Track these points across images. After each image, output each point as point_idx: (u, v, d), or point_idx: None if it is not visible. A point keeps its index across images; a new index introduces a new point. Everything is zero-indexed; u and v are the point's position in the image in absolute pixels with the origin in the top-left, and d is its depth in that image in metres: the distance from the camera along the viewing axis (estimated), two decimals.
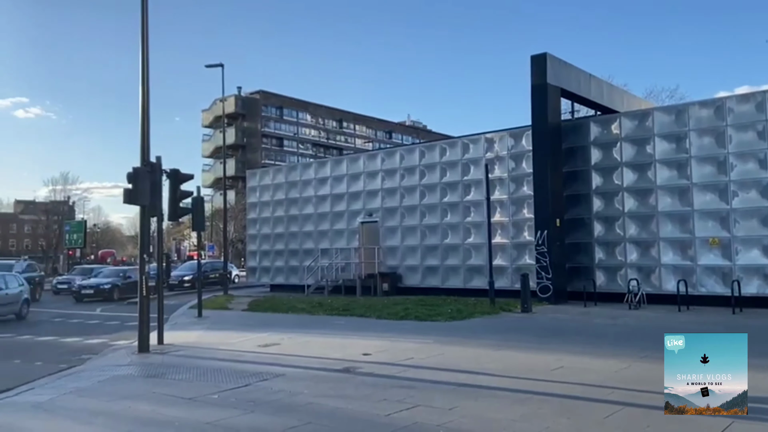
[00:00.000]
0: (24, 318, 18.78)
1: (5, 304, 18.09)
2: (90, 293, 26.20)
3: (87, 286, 26.63)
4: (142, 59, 11.80)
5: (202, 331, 14.35)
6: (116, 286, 26.62)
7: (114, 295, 26.11)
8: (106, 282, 26.81)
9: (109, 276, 28.02)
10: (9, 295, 18.30)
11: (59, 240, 60.52)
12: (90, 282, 27.26)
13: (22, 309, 18.92)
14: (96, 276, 28.78)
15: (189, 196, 14.18)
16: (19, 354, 12.00)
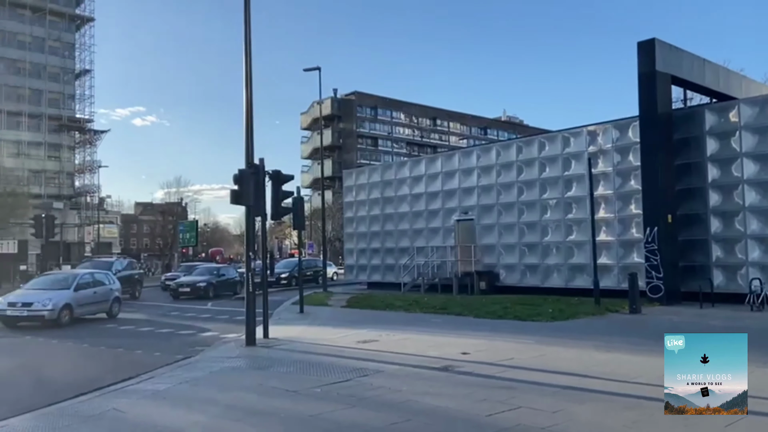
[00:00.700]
0: (115, 317, 18.46)
1: (94, 303, 17.82)
2: (186, 291, 26.51)
3: (184, 284, 27.01)
4: (245, 68, 12.34)
5: (304, 326, 14.80)
6: (211, 284, 26.95)
7: (209, 293, 26.36)
8: (201, 280, 27.05)
9: (204, 274, 28.22)
10: (98, 294, 18.06)
11: (174, 239, 64.77)
12: (186, 280, 27.63)
13: (112, 307, 18.58)
14: (191, 274, 29.10)
15: (290, 196, 14.67)
16: (141, 345, 12.93)
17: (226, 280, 28.28)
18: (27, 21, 58.93)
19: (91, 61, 63.35)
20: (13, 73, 58.31)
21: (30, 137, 59.04)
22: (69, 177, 62.86)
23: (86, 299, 17.34)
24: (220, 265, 32.66)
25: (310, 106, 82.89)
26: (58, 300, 16.13)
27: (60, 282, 17.66)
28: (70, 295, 16.66)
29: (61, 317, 15.95)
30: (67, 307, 16.27)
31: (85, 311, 17.33)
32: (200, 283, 26.73)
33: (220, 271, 29.09)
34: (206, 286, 26.58)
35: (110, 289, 18.89)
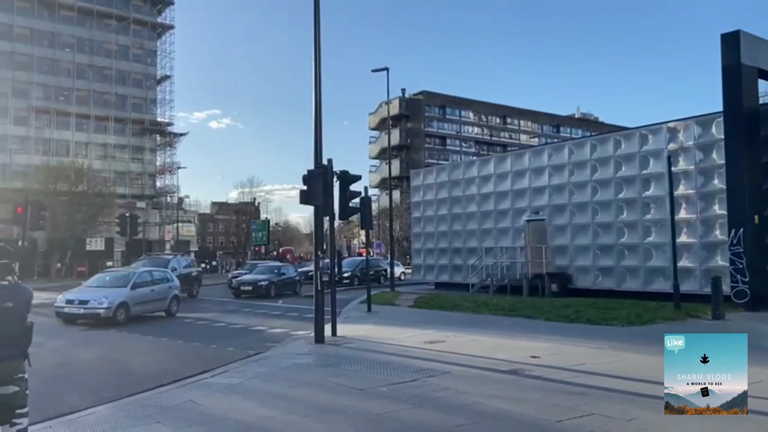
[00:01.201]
0: (174, 315, 18.23)
1: (152, 301, 17.67)
2: (248, 290, 26.25)
3: (246, 283, 26.75)
4: (315, 71, 12.56)
5: (371, 325, 14.90)
6: (272, 283, 26.65)
7: (270, 292, 26.12)
8: (263, 279, 26.73)
9: (265, 273, 27.78)
10: (156, 292, 17.92)
11: (247, 237, 66.87)
12: (248, 278, 27.34)
13: (171, 306, 18.38)
14: (252, 272, 28.83)
15: (357, 196, 14.81)
16: (216, 340, 13.41)
17: (287, 279, 28.21)
18: (113, 30, 62.44)
19: (171, 67, 66.42)
20: (100, 79, 61.93)
21: (115, 140, 62.52)
22: (151, 178, 66.11)
23: (143, 297, 17.25)
24: (281, 264, 32.57)
25: (378, 107, 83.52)
26: (114, 298, 16.16)
27: (118, 280, 17.60)
28: (126, 293, 16.67)
29: (116, 315, 15.96)
30: (123, 305, 16.27)
31: (142, 309, 17.17)
32: (262, 281, 26.58)
33: (280, 270, 28.86)
34: (267, 285, 26.39)
35: (169, 287, 18.72)
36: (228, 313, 19.81)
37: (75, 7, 60.11)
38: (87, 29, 61.19)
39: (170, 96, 66.57)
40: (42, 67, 58.77)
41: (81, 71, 60.90)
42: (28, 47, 57.92)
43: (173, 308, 18.50)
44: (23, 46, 57.63)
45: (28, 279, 33.58)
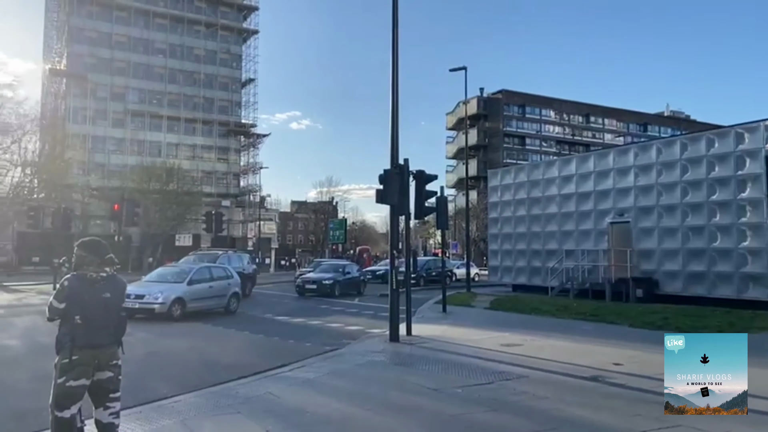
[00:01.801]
0: (233, 313, 17.82)
1: (210, 298, 17.37)
2: (312, 288, 25.53)
3: (310, 281, 26.04)
4: (392, 72, 12.62)
5: (446, 325, 14.81)
6: (337, 282, 25.99)
7: (335, 291, 25.43)
8: (328, 278, 26.09)
9: (330, 271, 27.19)
10: (214, 289, 17.60)
11: (325, 236, 68.29)
12: (312, 277, 26.67)
13: (230, 303, 18.00)
14: (316, 270, 28.34)
15: (433, 195, 14.78)
16: (294, 335, 13.76)
17: (351, 278, 27.52)
18: (202, 36, 65.53)
19: (255, 71, 68.92)
20: (190, 83, 65.13)
21: (203, 141, 65.59)
22: (235, 177, 68.84)
23: (201, 294, 17.00)
24: (346, 263, 31.66)
25: (455, 106, 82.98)
26: (170, 293, 15.98)
27: (176, 275, 17.49)
28: (183, 288, 16.46)
29: (172, 311, 15.77)
30: (178, 301, 16.06)
31: (199, 306, 16.91)
32: (326, 280, 25.89)
33: (345, 269, 28.07)
34: (332, 284, 25.70)
35: (228, 284, 18.30)
36: (295, 312, 20.24)
37: (168, 15, 63.53)
38: (178, 36, 64.53)
39: (254, 98, 69.09)
40: (137, 72, 62.50)
41: (172, 76, 64.27)
42: (126, 54, 61.76)
43: (232, 305, 18.12)
44: (121, 53, 61.52)
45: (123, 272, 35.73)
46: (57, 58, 62.80)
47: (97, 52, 59.95)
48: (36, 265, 42.14)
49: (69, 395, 4.68)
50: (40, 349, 10.02)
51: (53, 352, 4.78)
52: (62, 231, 31.32)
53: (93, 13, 60.29)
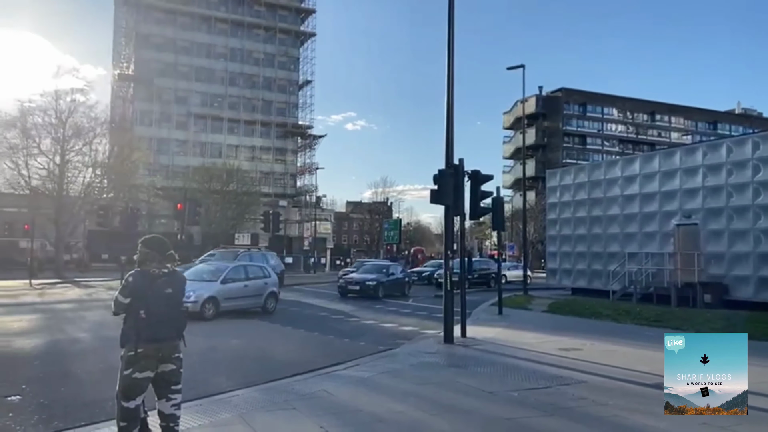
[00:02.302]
0: (271, 312, 17.48)
1: (245, 297, 17.05)
2: (355, 289, 24.61)
3: (353, 282, 25.06)
4: (447, 72, 12.54)
5: (502, 328, 14.58)
6: (381, 283, 24.93)
7: (378, 292, 24.37)
8: (370, 279, 25.06)
9: (373, 272, 26.16)
10: (250, 288, 17.25)
11: (379, 236, 68.58)
12: (355, 277, 25.70)
13: (267, 303, 17.63)
14: (359, 271, 27.41)
15: (489, 196, 14.56)
16: (349, 334, 13.87)
17: (395, 279, 26.54)
18: (261, 39, 67.08)
19: (312, 73, 69.94)
20: (249, 86, 66.79)
21: (261, 143, 67.11)
22: (292, 178, 70.08)
23: (235, 293, 16.69)
24: (390, 263, 30.60)
25: (513, 105, 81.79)
26: (202, 292, 15.59)
27: (210, 273, 17.15)
28: (215, 287, 16.10)
29: (204, 310, 15.41)
30: (211, 300, 15.71)
31: (233, 305, 16.58)
32: (370, 281, 24.85)
33: (389, 269, 27.03)
34: (375, 286, 24.64)
35: (264, 283, 17.89)
36: (354, 310, 20.36)
37: (228, 20, 65.35)
38: (238, 40, 66.28)
39: (311, 100, 70.16)
40: (200, 76, 64.56)
41: (233, 79, 66.06)
42: (189, 58, 63.91)
43: (269, 305, 17.74)
44: (184, 58, 63.70)
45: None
46: (125, 64, 65.59)
47: (162, 57, 62.28)
48: (105, 262, 44.11)
49: (134, 386, 4.87)
50: (108, 342, 10.47)
51: (119, 345, 4.98)
52: (129, 229, 32.66)
53: (159, 19, 62.68)
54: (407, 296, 25.84)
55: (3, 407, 6.67)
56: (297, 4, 69.73)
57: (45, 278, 30.85)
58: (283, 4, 68.81)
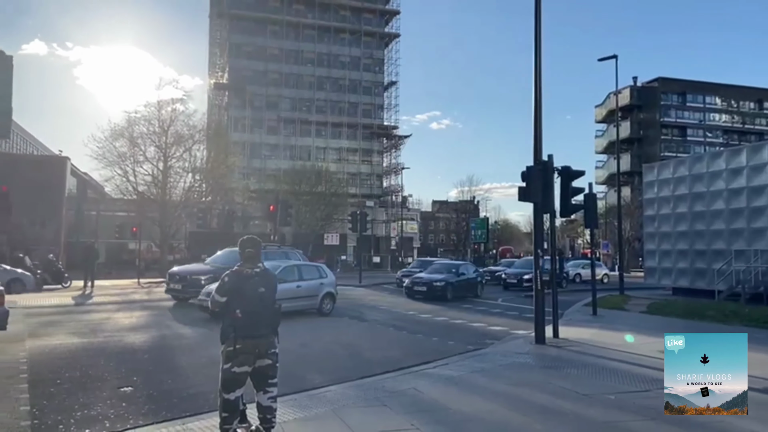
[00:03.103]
0: (327, 314, 16.87)
1: (297, 298, 16.26)
2: (422, 290, 23.26)
3: (420, 282, 23.75)
4: (534, 67, 12.24)
5: (596, 329, 14.05)
6: (450, 284, 23.46)
7: (447, 294, 22.96)
8: (439, 279, 23.67)
9: (442, 272, 24.80)
10: (303, 288, 16.59)
11: (466, 235, 67.97)
12: (422, 278, 24.26)
13: (323, 304, 17.01)
14: (427, 271, 25.98)
15: (580, 192, 14.05)
16: (436, 333, 13.86)
17: (467, 279, 24.96)
18: (346, 43, 68.39)
19: (396, 74, 70.46)
20: (336, 89, 68.27)
21: (348, 144, 68.39)
22: (378, 178, 70.89)
23: (285, 294, 15.23)
24: (460, 263, 29.10)
25: (605, 98, 78.55)
26: None
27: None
28: None
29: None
30: None
31: (284, 306, 15.62)
32: (438, 282, 23.42)
33: (459, 269, 25.46)
34: (444, 286, 23.21)
35: (320, 283, 17.22)
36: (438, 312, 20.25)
37: (315, 26, 67.13)
38: (325, 45, 67.93)
39: (396, 101, 70.71)
40: (289, 82, 66.73)
41: (320, 83, 67.78)
42: (278, 65, 66.22)
43: (326, 306, 17.10)
44: (274, 65, 66.08)
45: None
46: (220, 73, 68.90)
47: (253, 65, 64.91)
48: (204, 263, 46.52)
49: (233, 380, 5.14)
50: (210, 338, 11.08)
51: (220, 341, 5.28)
52: (226, 230, 34.32)
53: (250, 29, 65.38)
54: (479, 297, 24.60)
55: (117, 397, 7.21)
56: (381, 7, 70.46)
57: (151, 277, 33.07)
58: (368, 8, 69.75)
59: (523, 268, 30.03)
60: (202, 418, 6.21)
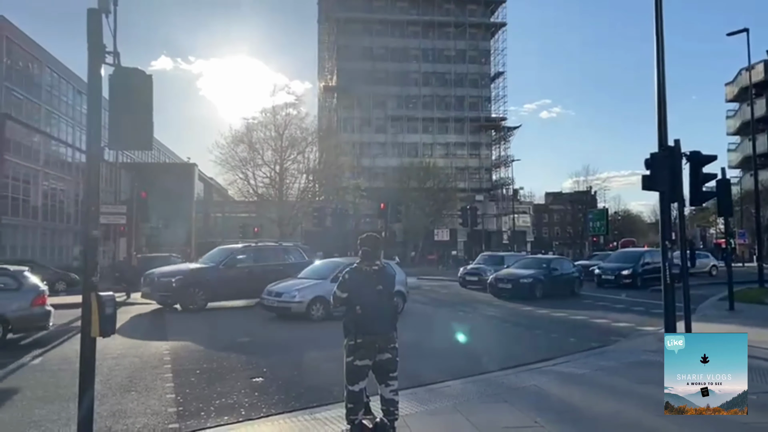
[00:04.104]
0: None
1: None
2: (506, 288, 21.13)
3: (504, 279, 21.52)
4: (656, 45, 11.45)
5: (734, 325, 12.94)
6: (538, 281, 21.12)
7: (535, 291, 20.75)
8: (526, 275, 21.31)
9: (530, 267, 22.40)
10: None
11: (584, 228, 65.28)
12: (506, 274, 21.95)
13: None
14: (514, 266, 23.50)
15: (712, 179, 12.98)
16: (556, 330, 13.45)
17: (560, 275, 22.43)
18: (451, 36, 68.01)
19: (503, 64, 69.11)
20: (441, 84, 68.12)
21: (455, 139, 68.01)
22: (487, 172, 69.90)
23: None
24: (552, 257, 26.73)
25: (736, 75, 72.10)
26: (308, 292, 14.52)
27: (325, 271, 15.68)
28: (326, 287, 13.89)
29: (311, 311, 14.34)
30: (319, 300, 14.31)
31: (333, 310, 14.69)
32: (524, 279, 21.10)
33: (551, 264, 22.84)
34: (531, 284, 20.92)
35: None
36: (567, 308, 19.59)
37: (420, 22, 67.38)
38: (430, 40, 68.01)
39: (503, 92, 69.35)
40: (396, 80, 67.53)
41: (426, 79, 67.99)
42: (384, 64, 67.23)
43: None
44: (381, 64, 67.15)
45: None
46: (329, 76, 71.09)
47: (360, 65, 66.33)
48: (320, 259, 48.33)
49: (356, 372, 5.31)
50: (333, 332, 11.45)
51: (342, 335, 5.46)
52: (339, 229, 35.41)
53: (356, 31, 66.89)
54: (577, 295, 22.20)
55: (250, 387, 7.68)
56: None
57: None
58: None
59: (619, 261, 27.39)
60: (327, 409, 6.46)
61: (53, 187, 44.31)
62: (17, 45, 38.45)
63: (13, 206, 37.52)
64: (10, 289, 11.06)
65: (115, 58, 5.07)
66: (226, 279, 17.19)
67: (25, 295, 11.12)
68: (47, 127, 43.51)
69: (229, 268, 17.51)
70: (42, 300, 11.33)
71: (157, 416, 6.45)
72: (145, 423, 6.20)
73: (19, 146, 38.42)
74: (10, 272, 11.40)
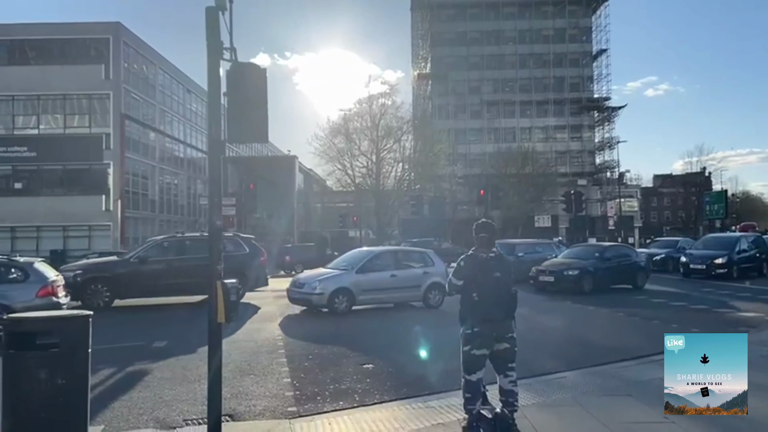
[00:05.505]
0: (436, 307, 14.52)
1: (392, 289, 14.42)
2: (549, 281, 18.63)
3: (546, 272, 19.00)
4: None
5: None
6: (587, 272, 18.45)
7: (583, 285, 18.14)
8: (573, 267, 18.72)
9: (581, 257, 19.69)
10: (399, 278, 14.48)
11: (698, 211, 61.07)
12: (549, 266, 19.40)
13: (429, 295, 14.63)
14: (561, 255, 21.18)
15: None
16: (676, 319, 12.65)
17: (618, 265, 19.40)
18: (549, 15, 65.48)
19: (606, 41, 65.66)
20: (539, 65, 65.83)
21: (555, 122, 65.59)
22: (590, 155, 66.92)
23: (377, 284, 14.22)
24: (607, 244, 23.52)
25: None
26: (330, 284, 13.78)
27: (349, 262, 15.03)
28: (349, 278, 13.87)
29: (333, 303, 13.55)
30: (342, 291, 13.70)
31: (375, 298, 14.32)
32: (569, 271, 18.51)
33: (605, 253, 19.83)
34: (578, 276, 18.26)
35: (423, 272, 14.81)
36: None
37: (516, 3, 65.39)
38: (526, 20, 65.91)
39: (607, 70, 65.96)
40: (490, 63, 66.10)
41: (522, 61, 66.00)
42: (479, 48, 65.97)
43: (433, 298, 14.69)
44: (475, 49, 65.97)
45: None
46: (422, 63, 70.76)
47: (455, 51, 65.46)
48: (418, 246, 48.52)
49: (473, 362, 5.20)
50: (442, 320, 11.41)
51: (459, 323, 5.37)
52: (436, 216, 35.32)
53: (450, 16, 66.05)
54: (640, 288, 19.20)
55: (361, 373, 7.78)
56: None
57: None
58: None
59: (710, 248, 23.58)
60: (440, 397, 6.43)
61: (168, 182, 47.42)
62: (133, 49, 41.29)
63: (134, 200, 40.54)
64: (18, 281, 11.00)
65: (232, 53, 5.22)
66: (138, 273, 14.93)
67: (30, 286, 10.90)
68: (161, 125, 46.53)
69: (143, 262, 15.19)
70: (48, 291, 10.94)
71: (277, 399, 6.68)
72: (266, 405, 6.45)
73: (137, 144, 41.40)
74: (18, 263, 11.33)
